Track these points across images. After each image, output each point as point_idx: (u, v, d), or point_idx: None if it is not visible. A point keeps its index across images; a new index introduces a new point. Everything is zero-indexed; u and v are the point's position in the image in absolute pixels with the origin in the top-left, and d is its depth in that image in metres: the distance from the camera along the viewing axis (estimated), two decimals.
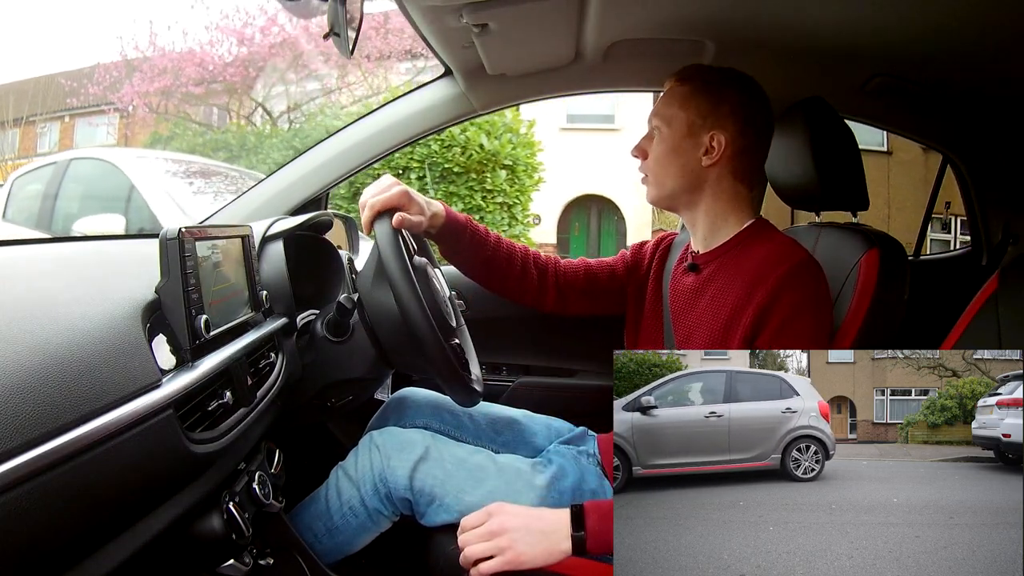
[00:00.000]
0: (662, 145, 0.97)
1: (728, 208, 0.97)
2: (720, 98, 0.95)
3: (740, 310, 0.89)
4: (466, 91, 1.37)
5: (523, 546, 0.82)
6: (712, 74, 0.97)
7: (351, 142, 1.41)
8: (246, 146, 7.49)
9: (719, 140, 0.94)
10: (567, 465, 1.01)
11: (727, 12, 1.12)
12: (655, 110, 0.99)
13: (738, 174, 0.97)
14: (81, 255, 1.01)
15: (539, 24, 1.13)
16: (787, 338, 0.85)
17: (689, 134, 0.95)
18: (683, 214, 1.02)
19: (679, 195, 0.98)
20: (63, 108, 9.72)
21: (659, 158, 0.97)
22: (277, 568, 0.91)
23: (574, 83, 1.42)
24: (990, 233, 1.64)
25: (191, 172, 3.89)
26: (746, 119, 0.95)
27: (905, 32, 1.12)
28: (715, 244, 0.98)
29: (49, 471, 0.48)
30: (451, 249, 1.07)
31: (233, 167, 4.76)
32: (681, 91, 0.97)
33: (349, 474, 0.97)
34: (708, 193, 0.97)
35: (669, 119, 0.97)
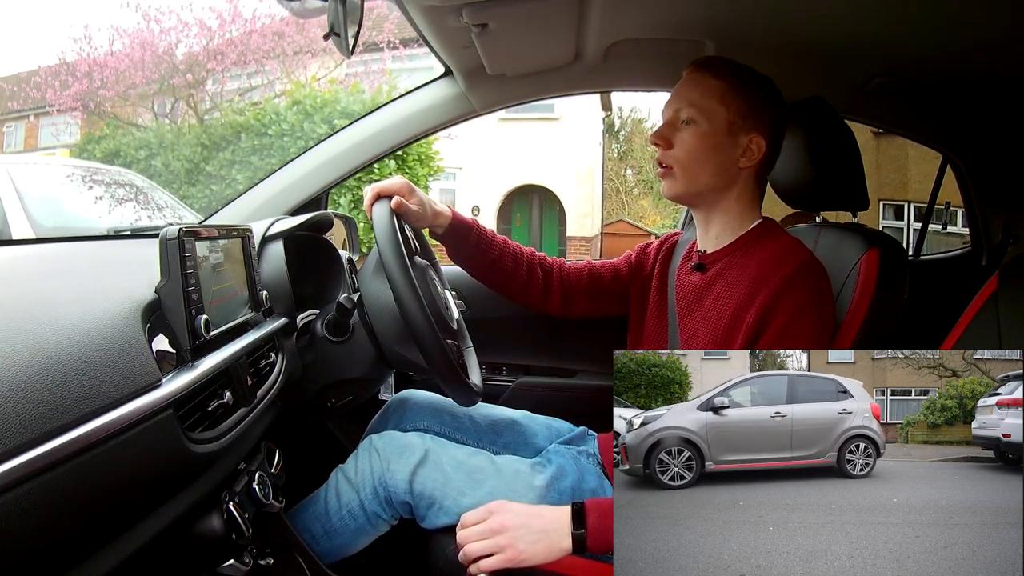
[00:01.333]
0: (698, 139, 0.93)
1: (745, 209, 0.97)
2: (761, 101, 0.93)
3: (743, 310, 0.89)
4: (466, 91, 1.37)
5: (523, 544, 0.82)
6: (747, 73, 0.94)
7: (351, 142, 1.41)
8: (164, 144, 7.69)
9: (758, 144, 0.93)
10: (567, 465, 1.01)
11: (727, 12, 1.12)
12: (689, 99, 0.94)
13: (760, 177, 0.97)
14: (81, 255, 1.01)
15: (539, 24, 1.13)
16: (790, 338, 0.85)
17: (729, 132, 0.93)
18: (700, 211, 1.00)
19: (707, 193, 0.96)
20: (28, 108, 9.86)
21: (693, 152, 0.93)
22: (277, 568, 0.91)
23: (574, 83, 1.42)
24: (990, 233, 1.64)
25: (85, 179, 4.04)
26: (779, 124, 0.95)
27: (905, 32, 1.12)
28: (724, 243, 0.98)
29: (49, 471, 0.48)
30: (456, 250, 1.08)
31: (131, 173, 4.87)
32: (719, 85, 0.93)
33: (349, 477, 0.98)
34: (734, 193, 0.96)
35: (709, 113, 0.92)
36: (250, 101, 8.02)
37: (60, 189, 3.82)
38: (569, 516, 0.84)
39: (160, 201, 4.26)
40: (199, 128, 7.77)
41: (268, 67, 8.51)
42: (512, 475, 0.98)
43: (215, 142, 7.17)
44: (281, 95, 7.19)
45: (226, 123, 7.16)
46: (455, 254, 1.09)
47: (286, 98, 6.78)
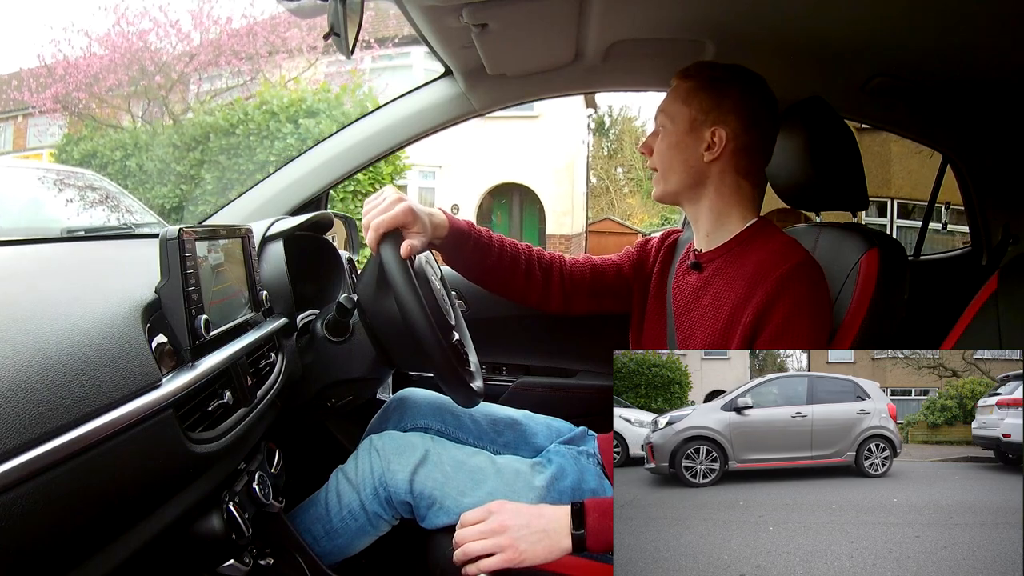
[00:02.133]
0: (666, 141, 0.98)
1: (731, 204, 0.98)
2: (723, 94, 0.95)
3: (740, 310, 0.89)
4: (466, 91, 1.37)
5: (524, 544, 0.82)
6: (716, 70, 0.97)
7: (351, 142, 1.41)
8: (139, 144, 7.80)
9: (720, 135, 0.95)
10: (566, 465, 1.01)
11: (727, 12, 1.12)
12: (660, 107, 1.00)
13: (741, 170, 0.97)
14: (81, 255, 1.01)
15: (539, 24, 1.13)
16: (786, 339, 0.85)
17: (691, 129, 0.96)
18: (687, 210, 1.03)
19: (682, 191, 0.99)
20: (15, 109, 9.97)
21: (663, 154, 0.98)
22: (277, 568, 0.91)
23: (574, 83, 1.42)
24: (990, 233, 1.64)
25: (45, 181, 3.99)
26: (748, 115, 0.95)
27: (905, 32, 1.12)
28: (718, 242, 0.99)
29: (49, 471, 0.48)
30: (453, 257, 1.05)
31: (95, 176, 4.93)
32: (685, 87, 0.97)
33: (349, 478, 0.98)
34: (711, 188, 0.98)
35: (673, 115, 0.97)
36: (221, 102, 8.11)
37: (12, 192, 3.83)
38: (569, 516, 0.84)
39: (121, 204, 4.24)
40: (171, 129, 7.87)
41: (244, 69, 8.58)
42: (512, 475, 0.98)
43: (186, 143, 7.23)
44: (252, 96, 7.24)
45: (196, 124, 7.24)
46: (451, 260, 1.06)
47: (256, 98, 6.86)
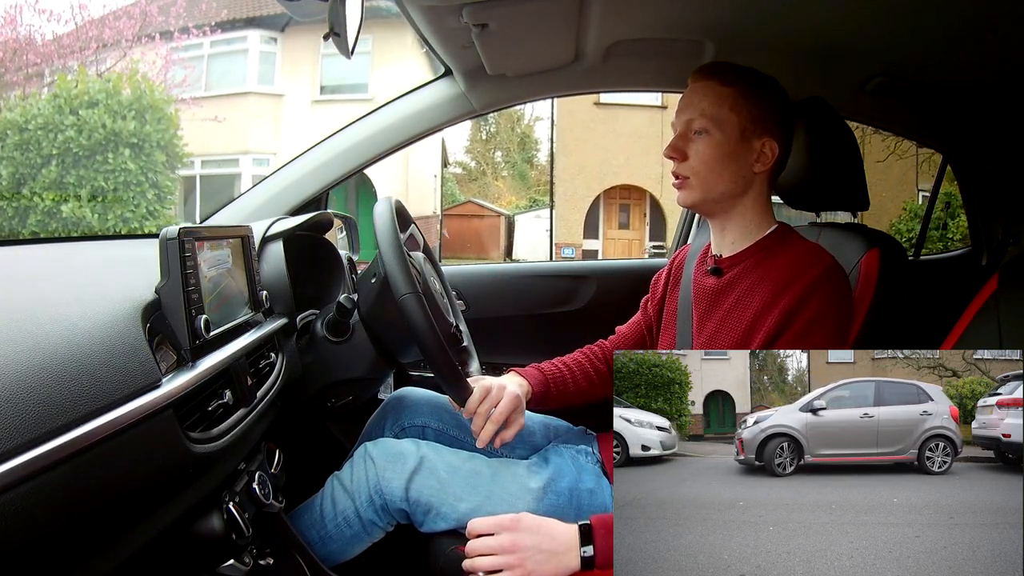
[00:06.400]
0: (713, 149, 0.92)
1: (761, 213, 0.97)
2: (771, 104, 0.93)
3: (764, 314, 0.89)
4: (466, 91, 1.37)
5: (532, 564, 0.82)
6: (754, 77, 0.94)
7: (351, 142, 1.41)
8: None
9: (771, 147, 0.93)
10: (564, 465, 1.01)
11: (727, 12, 1.12)
12: (699, 109, 0.93)
13: (772, 180, 0.97)
14: (81, 255, 1.01)
15: (539, 24, 1.13)
16: (808, 341, 0.85)
17: (743, 139, 0.92)
18: (716, 218, 0.99)
19: (725, 200, 0.95)
20: None
21: (708, 161, 0.93)
22: (277, 568, 0.91)
23: (574, 83, 1.43)
24: (990, 233, 1.64)
25: None
26: (788, 126, 0.95)
27: (905, 32, 1.12)
28: (740, 248, 0.97)
29: (49, 471, 0.48)
30: (543, 405, 1.10)
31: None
32: (729, 93, 0.92)
33: (344, 485, 0.98)
34: (749, 198, 0.96)
35: (721, 122, 0.92)
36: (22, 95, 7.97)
37: None
38: (577, 535, 0.83)
39: None
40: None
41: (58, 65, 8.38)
42: (509, 478, 0.98)
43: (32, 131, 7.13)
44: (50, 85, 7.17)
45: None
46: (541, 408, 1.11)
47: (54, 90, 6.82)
